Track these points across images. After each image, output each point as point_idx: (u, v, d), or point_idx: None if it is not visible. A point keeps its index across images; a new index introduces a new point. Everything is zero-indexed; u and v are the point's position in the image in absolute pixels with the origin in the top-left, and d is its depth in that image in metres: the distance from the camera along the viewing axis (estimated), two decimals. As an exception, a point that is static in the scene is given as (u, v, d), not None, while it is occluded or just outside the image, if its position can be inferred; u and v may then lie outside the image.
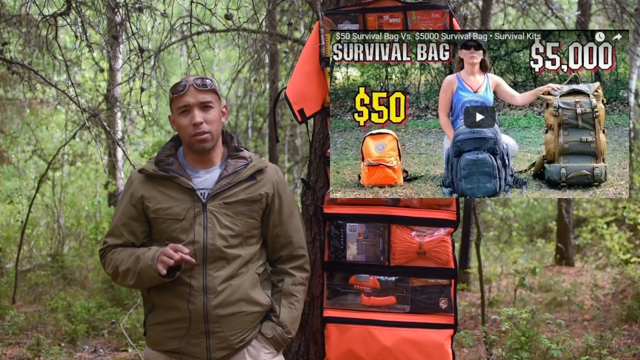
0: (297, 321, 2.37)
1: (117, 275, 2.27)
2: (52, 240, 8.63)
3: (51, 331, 5.30)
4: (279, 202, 2.37)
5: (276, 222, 2.36)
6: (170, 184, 2.27)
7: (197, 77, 2.29)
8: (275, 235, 2.37)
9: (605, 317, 5.87)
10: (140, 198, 2.28)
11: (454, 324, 2.58)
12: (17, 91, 8.82)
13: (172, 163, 2.30)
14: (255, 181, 2.32)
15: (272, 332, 2.31)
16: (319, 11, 2.70)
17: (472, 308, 6.65)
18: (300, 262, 2.41)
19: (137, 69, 4.95)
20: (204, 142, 2.26)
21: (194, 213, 2.23)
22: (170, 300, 2.23)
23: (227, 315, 2.22)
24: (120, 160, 8.59)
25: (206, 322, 2.21)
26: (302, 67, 2.65)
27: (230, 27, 5.75)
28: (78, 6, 4.46)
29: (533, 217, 11.65)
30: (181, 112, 2.27)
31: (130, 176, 2.38)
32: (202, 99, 2.26)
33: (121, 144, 4.32)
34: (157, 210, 2.26)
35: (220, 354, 2.24)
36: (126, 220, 2.30)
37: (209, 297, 2.20)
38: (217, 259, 2.23)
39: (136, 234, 2.30)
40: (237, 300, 2.24)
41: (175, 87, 2.29)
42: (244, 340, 2.27)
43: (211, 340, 2.22)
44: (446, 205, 2.59)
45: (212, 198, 2.25)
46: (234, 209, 2.27)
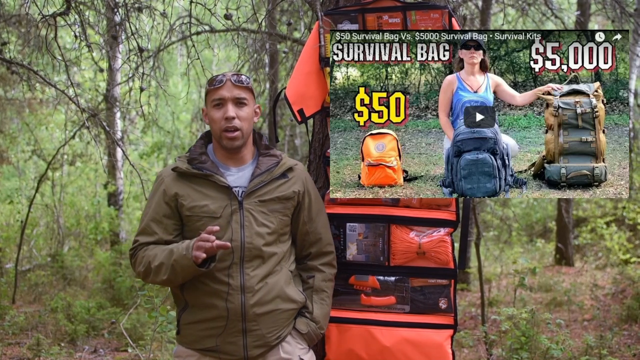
0: (328, 317, 2.42)
1: (150, 272, 2.23)
2: (52, 240, 8.63)
3: (51, 331, 5.30)
4: (308, 200, 2.40)
5: (306, 220, 2.39)
6: (205, 182, 2.28)
7: (235, 74, 2.30)
8: (305, 232, 2.40)
9: (605, 317, 5.87)
10: (174, 195, 2.28)
11: (454, 324, 2.58)
12: (17, 91, 8.81)
13: (205, 161, 2.30)
14: (287, 179, 2.35)
15: (307, 327, 2.34)
16: (318, 11, 2.69)
17: (472, 308, 6.65)
18: (329, 259, 2.45)
19: (136, 69, 4.95)
20: (233, 139, 2.27)
21: (231, 210, 2.24)
22: (206, 299, 2.23)
23: (264, 314, 2.24)
24: (119, 160, 8.59)
25: (244, 321, 2.22)
26: (301, 67, 2.65)
27: (229, 27, 5.74)
28: (78, 6, 4.46)
29: (533, 217, 11.65)
30: (215, 104, 2.28)
31: (160, 175, 2.36)
32: (238, 95, 2.28)
33: (121, 144, 4.33)
34: (192, 208, 2.26)
35: (257, 351, 2.25)
36: (159, 218, 2.29)
37: (247, 295, 2.22)
38: (254, 257, 2.24)
39: (169, 231, 2.29)
40: (274, 298, 2.26)
41: (213, 79, 2.30)
42: (280, 337, 2.29)
43: (248, 338, 2.23)
44: (446, 205, 2.58)
45: (247, 196, 2.26)
46: (269, 206, 2.29)
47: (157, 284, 2.39)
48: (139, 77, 4.87)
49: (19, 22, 6.04)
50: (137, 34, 4.48)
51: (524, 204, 11.91)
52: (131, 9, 4.55)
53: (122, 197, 8.82)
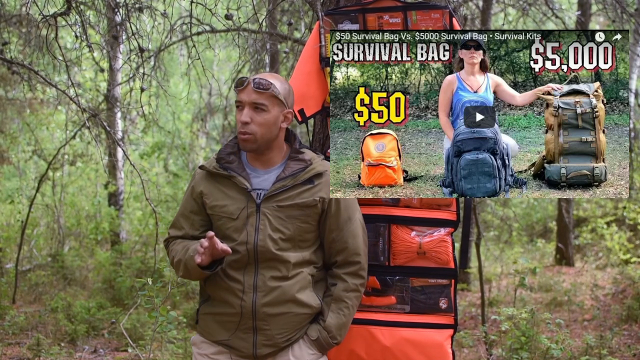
0: (345, 327, 2.36)
1: (174, 266, 2.34)
2: (52, 240, 8.63)
3: (51, 331, 5.30)
4: (336, 207, 2.35)
5: (333, 227, 2.35)
6: (228, 182, 2.31)
7: (259, 77, 2.27)
8: (332, 240, 2.36)
9: (605, 317, 5.87)
10: (199, 193, 2.34)
11: (454, 324, 2.58)
12: (17, 91, 8.82)
13: (233, 161, 2.33)
14: (313, 185, 2.32)
15: (317, 334, 2.32)
16: (319, 11, 2.70)
17: (472, 308, 6.65)
18: (354, 269, 2.37)
19: (137, 69, 4.96)
20: (245, 142, 2.27)
21: (247, 213, 2.27)
22: (224, 295, 2.29)
23: (275, 315, 2.26)
24: (120, 161, 8.59)
25: (254, 319, 2.25)
26: (302, 67, 2.65)
27: (230, 27, 5.74)
28: (78, 6, 4.46)
29: (533, 217, 11.64)
30: (237, 107, 2.30)
31: (195, 171, 2.45)
32: (256, 100, 2.25)
33: (121, 144, 4.33)
34: (214, 207, 2.31)
35: (265, 350, 2.27)
36: (187, 213, 2.37)
37: (259, 295, 2.25)
38: (268, 260, 2.26)
39: (195, 227, 2.36)
40: (286, 301, 2.27)
41: (238, 81, 2.31)
42: (290, 339, 2.29)
43: (258, 336, 2.26)
44: (446, 205, 2.59)
45: (266, 200, 2.27)
46: (286, 212, 2.28)
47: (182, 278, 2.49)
48: (139, 77, 4.87)
49: (20, 22, 6.04)
50: (137, 34, 4.48)
51: (524, 204, 11.91)
52: (132, 9, 4.55)
53: (122, 197, 8.82)
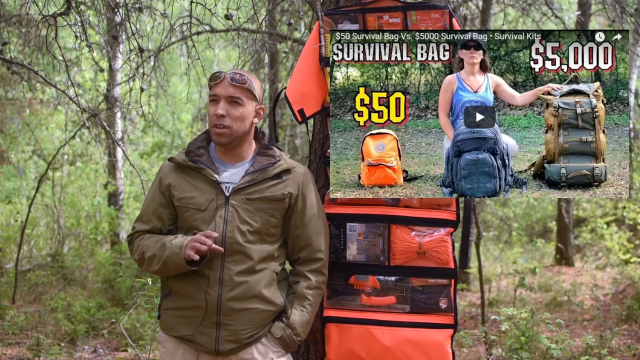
0: (308, 325, 2.39)
1: (143, 261, 2.32)
2: (52, 240, 8.63)
3: (51, 331, 5.30)
4: (302, 204, 2.39)
5: (297, 223, 2.39)
6: (197, 175, 2.33)
7: (236, 72, 2.33)
8: (296, 236, 2.40)
9: (605, 317, 5.87)
10: (167, 186, 2.35)
11: (454, 323, 2.58)
12: (17, 91, 8.82)
13: (202, 155, 2.36)
14: (281, 180, 2.35)
15: (281, 332, 2.33)
16: (319, 11, 2.70)
17: (472, 308, 6.66)
18: (317, 266, 2.41)
19: (137, 69, 4.95)
20: (220, 135, 2.31)
21: (216, 205, 2.28)
22: (187, 289, 2.28)
23: (240, 310, 2.26)
24: (120, 160, 8.59)
25: (218, 314, 2.25)
26: (302, 67, 2.65)
27: (230, 27, 5.75)
28: (78, 6, 4.46)
29: (533, 217, 11.64)
30: (211, 100, 2.33)
31: (162, 165, 2.45)
32: (232, 94, 2.30)
33: (121, 144, 4.33)
34: (182, 198, 2.32)
35: (228, 346, 2.27)
36: (155, 207, 2.37)
37: (224, 289, 2.25)
38: (235, 252, 2.27)
39: (164, 220, 2.36)
40: (251, 296, 2.27)
41: (213, 75, 2.34)
42: (254, 336, 2.30)
43: (221, 331, 2.26)
44: (446, 205, 2.59)
45: (235, 192, 2.30)
46: (255, 205, 2.31)
47: (150, 273, 2.48)
48: (139, 77, 4.87)
49: (20, 22, 6.04)
50: (137, 34, 4.48)
51: (524, 204, 11.91)
52: (132, 9, 4.55)
53: (122, 197, 8.83)
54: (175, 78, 14.21)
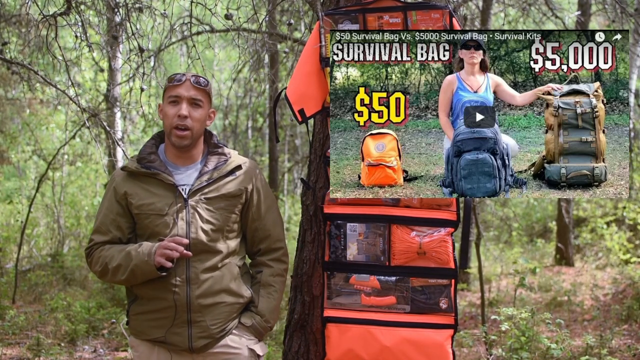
0: (276, 310, 2.46)
1: (107, 272, 2.31)
2: (52, 240, 8.63)
3: (51, 331, 5.30)
4: (257, 197, 2.44)
5: (255, 217, 2.44)
6: (153, 181, 2.34)
7: (195, 75, 2.36)
8: (254, 228, 2.45)
9: (605, 317, 5.87)
10: (123, 194, 2.35)
11: (454, 324, 2.58)
12: (17, 91, 8.82)
13: (154, 160, 2.36)
14: (235, 177, 2.40)
15: (251, 320, 2.39)
16: (319, 11, 2.70)
17: (472, 308, 6.65)
18: (278, 254, 2.49)
19: (137, 69, 4.95)
20: (182, 137, 2.33)
21: (177, 208, 2.31)
22: (154, 292, 2.30)
23: (209, 305, 2.30)
24: (120, 160, 8.58)
25: (189, 312, 2.28)
26: (302, 67, 2.65)
27: (230, 27, 5.75)
28: (78, 6, 4.46)
29: (533, 217, 11.65)
30: (171, 101, 2.34)
31: (113, 174, 2.45)
32: (194, 96, 2.34)
33: (121, 144, 4.32)
34: (140, 206, 2.32)
35: (201, 342, 2.31)
36: (113, 217, 2.36)
37: (192, 287, 2.28)
38: (200, 252, 2.30)
39: (123, 230, 2.36)
40: (219, 291, 2.32)
41: (173, 77, 2.37)
42: (225, 329, 2.34)
43: (193, 329, 2.29)
44: (446, 205, 2.58)
45: (192, 194, 2.33)
46: (214, 204, 2.34)
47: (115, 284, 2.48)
48: (139, 77, 4.87)
49: (20, 22, 6.04)
50: (137, 34, 4.48)
51: (524, 204, 11.91)
52: (132, 9, 4.55)
53: (122, 197, 8.81)
54: (175, 78, 14.18)
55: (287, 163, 12.82)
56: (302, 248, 2.87)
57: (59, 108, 9.08)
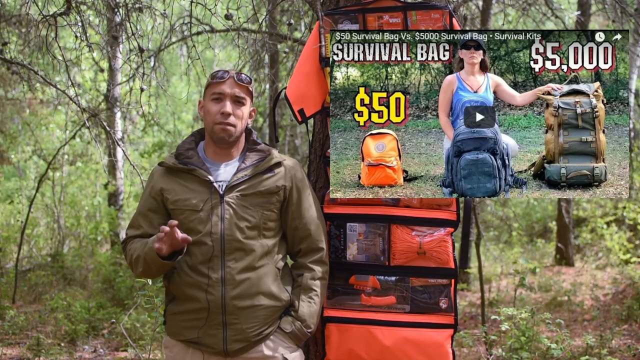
0: (317, 315, 2.40)
1: (132, 264, 2.33)
2: (52, 240, 8.64)
3: (51, 331, 5.30)
4: (297, 195, 2.40)
5: (295, 215, 2.39)
6: (189, 177, 2.33)
7: (238, 72, 2.35)
8: (294, 227, 2.40)
9: (605, 317, 5.87)
10: (159, 190, 2.35)
11: (454, 323, 2.58)
12: (17, 91, 8.82)
13: (192, 156, 2.35)
14: (273, 174, 2.36)
15: (291, 326, 2.33)
16: (319, 11, 2.70)
17: (472, 308, 6.65)
18: (319, 256, 2.43)
19: (137, 69, 4.95)
20: (226, 132, 2.31)
21: (212, 205, 2.28)
22: (188, 291, 2.27)
23: (245, 308, 2.25)
24: (120, 160, 8.59)
25: (224, 314, 2.24)
26: (302, 67, 2.65)
27: (230, 27, 5.75)
28: (78, 6, 4.46)
29: (533, 217, 11.64)
30: (214, 98, 2.33)
31: (153, 170, 2.44)
32: (238, 93, 2.33)
33: (121, 144, 4.33)
34: (176, 201, 2.31)
35: (236, 345, 2.26)
36: (145, 212, 2.37)
37: (227, 288, 2.24)
38: (235, 250, 2.26)
39: (154, 226, 2.35)
40: (256, 293, 2.27)
41: (216, 73, 2.35)
42: (262, 333, 2.29)
43: (228, 331, 2.25)
44: (446, 205, 2.59)
45: (228, 190, 2.30)
46: (250, 200, 2.30)
47: (139, 277, 2.49)
48: (139, 77, 4.87)
49: (20, 22, 6.04)
50: (137, 34, 4.48)
51: (524, 204, 11.91)
52: (132, 9, 4.55)
53: (122, 197, 8.83)
54: (175, 78, 14.21)
55: (287, 163, 12.79)
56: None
57: (59, 108, 9.08)
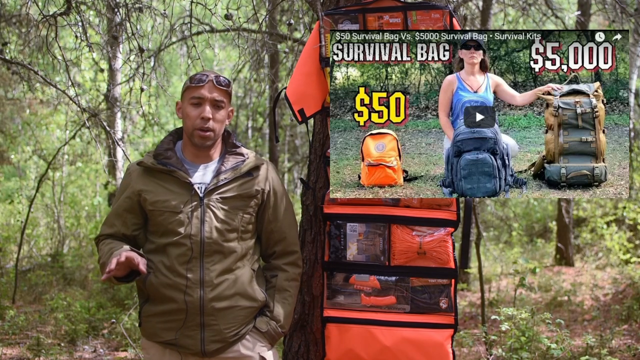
0: (291, 316, 2.43)
1: (100, 267, 2.30)
2: (52, 240, 8.64)
3: (51, 331, 5.30)
4: (274, 199, 2.41)
5: (271, 218, 2.41)
6: (168, 178, 2.31)
7: (217, 75, 2.33)
8: (270, 230, 2.42)
9: (605, 317, 5.87)
10: (138, 191, 2.32)
11: (454, 323, 2.58)
12: (18, 91, 8.82)
13: (171, 157, 2.33)
14: (252, 177, 2.37)
15: (267, 326, 2.35)
16: (319, 11, 2.69)
17: (472, 308, 6.65)
18: (293, 258, 2.46)
19: (137, 69, 4.95)
20: (205, 138, 2.31)
21: (192, 207, 2.27)
22: (166, 292, 2.26)
23: (223, 309, 2.26)
24: (120, 160, 8.60)
25: (202, 315, 2.24)
26: (302, 67, 2.65)
27: (230, 27, 5.75)
28: (78, 6, 4.46)
29: (533, 217, 11.65)
30: (193, 102, 2.31)
31: (129, 169, 2.41)
32: (217, 97, 2.31)
33: (121, 144, 4.32)
34: (155, 202, 2.29)
35: (214, 346, 2.27)
36: (120, 212, 2.35)
37: (206, 290, 2.24)
38: (214, 252, 2.26)
39: (127, 226, 2.34)
40: (233, 294, 2.28)
41: (194, 77, 2.32)
42: (238, 334, 2.30)
43: (206, 332, 2.26)
44: (446, 205, 2.59)
45: (209, 193, 2.29)
46: (230, 203, 2.31)
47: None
48: (139, 77, 4.87)
49: (20, 22, 6.04)
50: (137, 34, 4.48)
51: (524, 204, 11.91)
52: (132, 9, 4.55)
53: (122, 197, 8.81)
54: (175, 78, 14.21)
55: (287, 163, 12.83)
56: (301, 248, 2.87)
57: (59, 108, 9.08)
